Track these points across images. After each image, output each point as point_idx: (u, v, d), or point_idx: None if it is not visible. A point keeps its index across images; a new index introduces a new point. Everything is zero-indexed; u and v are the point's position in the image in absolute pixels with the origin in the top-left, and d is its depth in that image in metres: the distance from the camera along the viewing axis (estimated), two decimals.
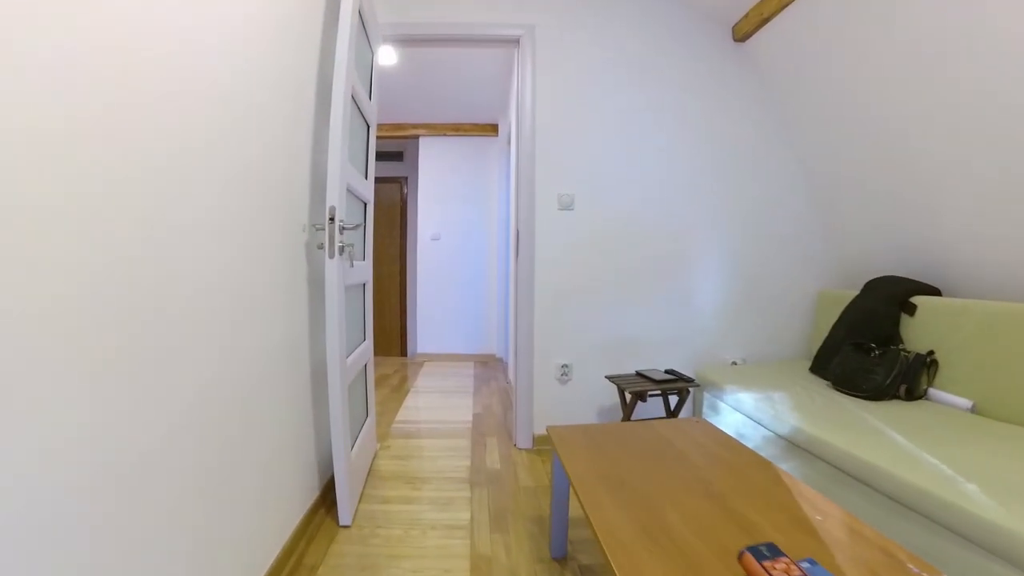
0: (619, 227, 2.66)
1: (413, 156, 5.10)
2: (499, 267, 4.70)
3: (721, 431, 1.62)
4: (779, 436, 1.81)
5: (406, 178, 5.46)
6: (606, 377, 2.48)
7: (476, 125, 4.76)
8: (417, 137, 4.75)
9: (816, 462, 1.61)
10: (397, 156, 5.59)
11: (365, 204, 2.25)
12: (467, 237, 4.82)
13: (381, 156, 5.54)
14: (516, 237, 2.61)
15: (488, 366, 4.61)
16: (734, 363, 2.73)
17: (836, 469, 1.52)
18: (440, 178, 4.79)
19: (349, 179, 1.80)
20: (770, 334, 2.77)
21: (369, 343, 2.33)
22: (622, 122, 2.64)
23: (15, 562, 0.61)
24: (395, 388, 3.80)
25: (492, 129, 4.75)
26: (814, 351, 2.48)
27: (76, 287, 0.71)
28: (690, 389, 2.38)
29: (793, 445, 1.73)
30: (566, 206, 2.61)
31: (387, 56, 3.30)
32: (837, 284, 2.74)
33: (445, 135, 4.74)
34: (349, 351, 1.91)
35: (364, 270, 2.20)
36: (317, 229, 1.79)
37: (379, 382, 3.99)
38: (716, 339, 2.75)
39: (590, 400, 2.68)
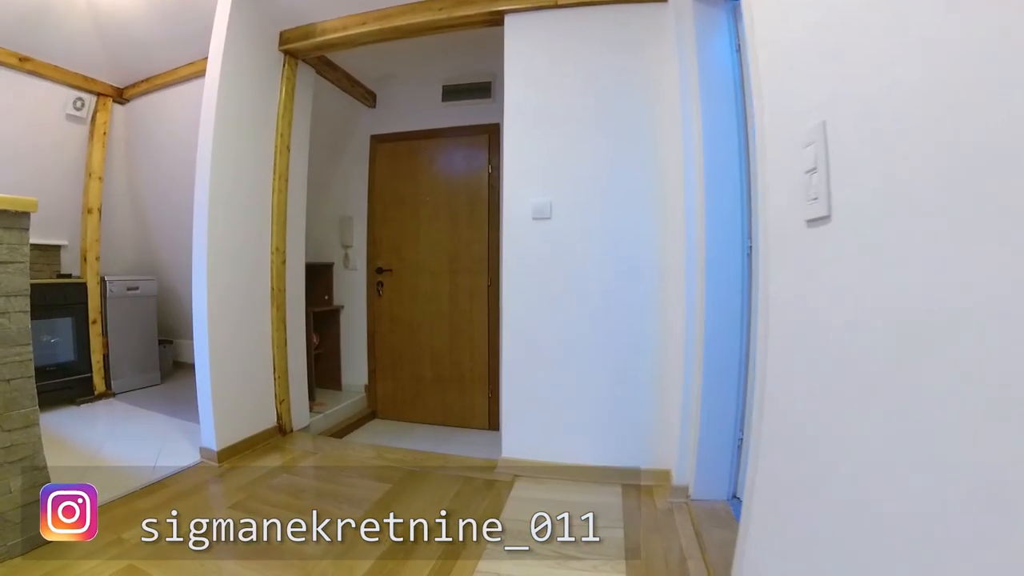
0: None
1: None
2: (688, 272, 2.11)
3: None
4: None
5: (498, 126, 3.17)
6: None
7: None
8: (500, 18, 2.40)
9: None
10: (481, 90, 3.32)
11: None
12: (611, 210, 2.30)
13: (453, 92, 3.35)
14: None
15: (652, 514, 2.02)
16: None
17: None
18: (549, 92, 2.36)
19: None
20: None
21: None
22: None
23: None
24: None
25: None
26: None
27: None
28: None
29: None
30: None
31: None
32: None
33: (556, 6, 2.34)
34: None
35: None
36: None
37: None
38: None
39: None
